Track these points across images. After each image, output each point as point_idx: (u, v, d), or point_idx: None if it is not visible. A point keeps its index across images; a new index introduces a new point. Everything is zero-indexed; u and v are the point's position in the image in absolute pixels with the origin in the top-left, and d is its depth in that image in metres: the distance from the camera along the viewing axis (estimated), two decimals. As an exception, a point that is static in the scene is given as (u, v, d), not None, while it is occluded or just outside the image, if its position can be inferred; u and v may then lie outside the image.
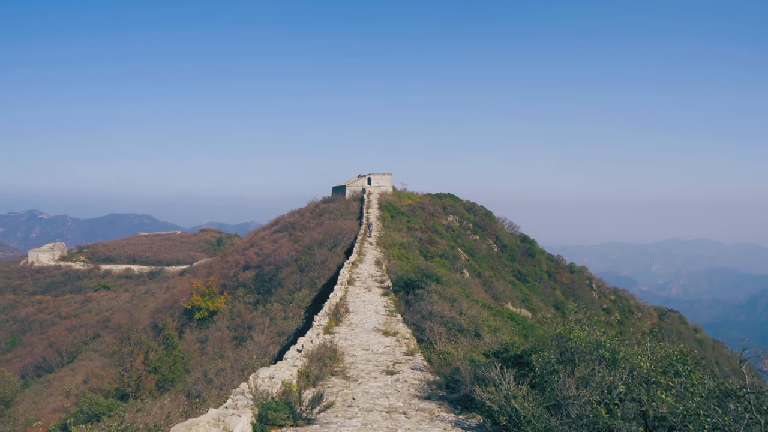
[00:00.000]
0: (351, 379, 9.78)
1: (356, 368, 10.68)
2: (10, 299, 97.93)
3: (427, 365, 11.09)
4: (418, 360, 11.48)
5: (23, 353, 68.90)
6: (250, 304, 38.82)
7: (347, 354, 11.72)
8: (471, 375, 7.68)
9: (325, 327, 13.33)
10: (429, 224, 54.18)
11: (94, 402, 19.11)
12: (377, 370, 10.64)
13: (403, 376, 10.08)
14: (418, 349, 12.43)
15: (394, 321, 14.82)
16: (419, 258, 32.12)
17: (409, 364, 11.16)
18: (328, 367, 9.61)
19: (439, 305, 14.94)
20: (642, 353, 5.73)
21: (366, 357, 11.72)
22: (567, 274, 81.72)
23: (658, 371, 5.44)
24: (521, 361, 7.53)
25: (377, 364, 11.17)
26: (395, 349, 12.40)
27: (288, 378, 7.58)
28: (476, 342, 12.12)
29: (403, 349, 12.27)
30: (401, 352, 12.15)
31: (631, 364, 5.57)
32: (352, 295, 18.96)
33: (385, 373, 10.36)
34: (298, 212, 66.37)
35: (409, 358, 11.60)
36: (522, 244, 78.87)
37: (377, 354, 12.01)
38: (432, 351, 11.98)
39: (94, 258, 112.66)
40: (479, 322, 13.50)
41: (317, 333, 12.12)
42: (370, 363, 11.22)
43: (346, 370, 10.31)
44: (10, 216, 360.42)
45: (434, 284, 18.49)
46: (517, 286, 56.97)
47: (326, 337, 12.34)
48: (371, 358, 11.67)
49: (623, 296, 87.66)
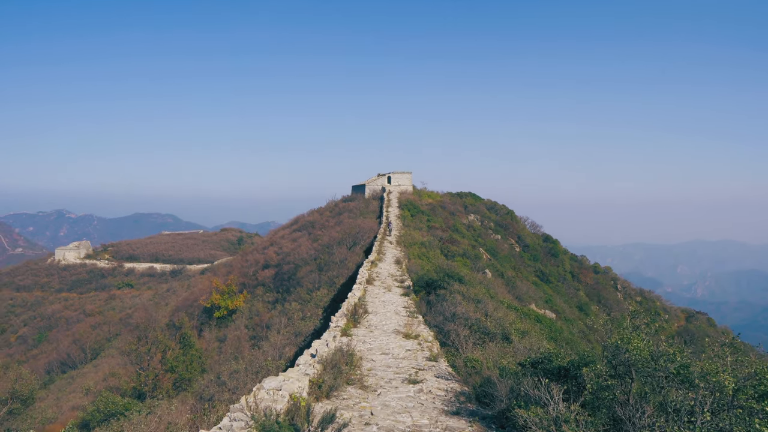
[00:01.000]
0: (369, 389, 8.95)
1: (375, 376, 9.93)
2: (38, 296, 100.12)
3: (453, 372, 10.23)
4: (442, 366, 10.68)
5: (49, 349, 70.11)
6: (268, 303, 38.41)
7: (365, 359, 10.99)
8: (506, 389, 6.76)
9: (342, 329, 12.59)
10: (450, 223, 53.14)
11: (110, 401, 18.77)
12: (398, 378, 9.86)
13: (427, 386, 9.24)
14: (442, 353, 11.62)
15: (415, 323, 13.97)
16: (440, 257, 31.19)
17: (433, 371, 10.37)
18: (343, 375, 8.80)
19: (463, 306, 14.01)
20: (721, 369, 4.64)
21: (386, 362, 10.99)
22: (591, 275, 79.75)
23: (749, 393, 4.42)
24: (566, 375, 6.54)
25: (398, 370, 10.39)
26: (417, 353, 11.62)
27: (297, 390, 6.72)
28: (505, 347, 11.17)
29: (426, 354, 11.50)
30: (423, 356, 11.38)
31: (710, 384, 4.53)
32: (371, 295, 18.18)
33: (407, 381, 9.57)
34: (317, 211, 66.02)
35: (432, 364, 10.82)
36: (544, 244, 77.20)
37: (398, 359, 11.26)
38: (457, 356, 11.05)
39: (118, 256, 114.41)
40: (506, 325, 12.53)
41: (334, 335, 11.34)
42: (390, 369, 10.46)
43: (364, 378, 9.53)
44: (39, 215, 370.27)
45: (457, 284, 17.58)
46: (540, 287, 55.58)
47: (343, 339, 11.50)
48: (391, 363, 10.92)
49: (649, 297, 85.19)
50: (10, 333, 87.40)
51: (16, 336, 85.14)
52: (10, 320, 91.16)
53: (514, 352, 10.59)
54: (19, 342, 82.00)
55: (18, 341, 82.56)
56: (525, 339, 11.93)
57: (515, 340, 11.54)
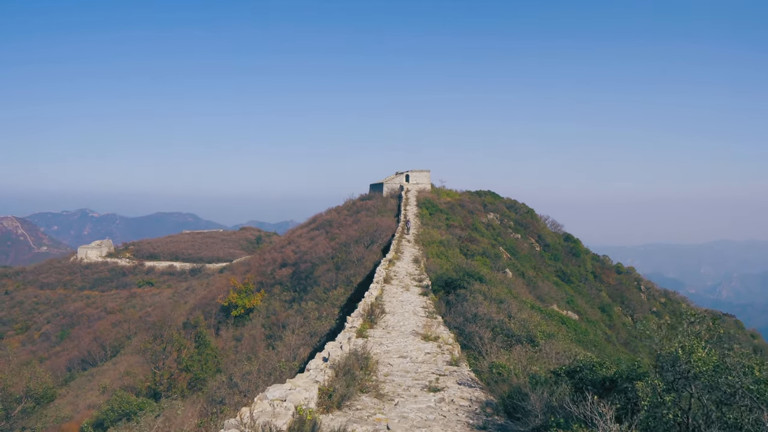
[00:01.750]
0: (386, 398, 8.20)
1: (392, 382, 9.21)
2: (61, 294, 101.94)
3: (476, 379, 9.48)
4: (464, 371, 9.93)
5: (71, 346, 71.13)
6: (285, 302, 38.08)
7: (382, 363, 10.28)
8: (541, 402, 5.97)
9: (358, 330, 11.98)
10: (468, 222, 52.20)
11: (124, 401, 18.49)
12: (417, 385, 9.12)
13: (448, 395, 8.48)
14: (463, 357, 10.86)
15: (435, 324, 13.32)
16: (459, 256, 30.38)
17: (455, 377, 9.61)
18: (357, 382, 8.09)
19: (485, 307, 13.23)
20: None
21: (404, 366, 10.30)
22: (614, 275, 77.89)
23: None
24: (612, 388, 5.69)
25: (417, 376, 9.68)
26: (437, 356, 10.89)
27: (303, 401, 5.99)
28: (533, 352, 10.33)
29: (446, 357, 10.78)
30: (444, 360, 10.64)
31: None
32: (388, 295, 17.53)
33: (427, 389, 8.81)
34: (335, 210, 65.72)
35: (453, 369, 10.08)
36: (565, 243, 75.66)
37: (416, 363, 10.53)
38: (480, 360, 10.30)
39: (138, 255, 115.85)
40: (531, 327, 11.74)
41: (349, 337, 10.67)
42: (408, 375, 9.74)
43: (380, 385, 8.79)
44: (64, 214, 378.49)
45: (478, 284, 16.78)
46: (561, 287, 54.30)
47: (359, 341, 10.84)
48: (410, 368, 10.20)
49: (674, 299, 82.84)
50: (34, 330, 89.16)
51: (39, 333, 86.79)
52: (34, 317, 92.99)
53: (543, 357, 9.78)
54: (42, 339, 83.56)
55: (41, 338, 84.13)
56: (552, 342, 11.10)
57: (542, 344, 10.78)
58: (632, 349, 52.99)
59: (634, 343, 57.85)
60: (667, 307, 76.46)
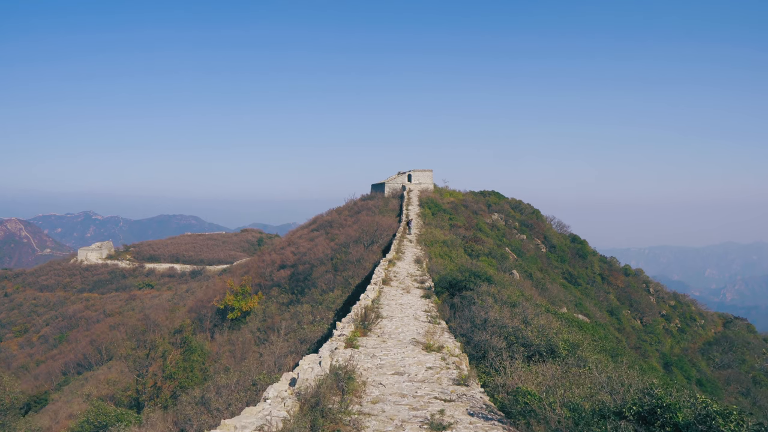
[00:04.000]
0: (371, 442, 6.23)
1: (381, 414, 7.11)
2: (60, 296, 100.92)
3: (492, 407, 7.55)
4: (475, 394, 7.98)
5: (68, 349, 69.95)
6: (282, 304, 36.76)
7: (371, 383, 8.39)
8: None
9: (348, 338, 10.38)
10: (472, 222, 50.72)
11: (101, 412, 17.07)
12: (416, 419, 6.98)
13: None
14: (473, 373, 8.94)
15: (438, 330, 11.78)
16: (463, 257, 28.92)
17: (465, 403, 7.67)
18: (330, 420, 6.10)
19: (495, 311, 11.68)
20: None
21: (399, 388, 8.40)
22: (622, 278, 76.32)
23: None
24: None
25: (415, 403, 7.66)
26: (441, 373, 9.07)
27: None
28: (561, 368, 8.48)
29: (453, 374, 8.97)
30: (450, 378, 8.81)
31: None
32: (387, 297, 16.07)
33: (429, 427, 6.71)
34: (336, 211, 64.61)
35: (462, 391, 8.18)
36: (572, 245, 74.18)
37: (415, 382, 8.68)
38: (494, 376, 8.45)
39: (139, 257, 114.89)
40: (551, 335, 10.04)
41: (335, 347, 9.09)
42: (404, 402, 7.70)
43: (364, 420, 6.68)
44: (67, 217, 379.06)
45: (486, 285, 15.30)
46: (569, 290, 52.77)
47: (347, 353, 9.19)
48: (407, 389, 8.31)
49: (684, 302, 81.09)
50: (32, 332, 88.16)
51: (38, 335, 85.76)
52: (33, 320, 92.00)
53: (571, 375, 7.98)
54: (40, 341, 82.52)
55: (40, 341, 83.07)
56: (576, 354, 9.46)
57: (564, 355, 9.16)
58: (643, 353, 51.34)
59: (644, 348, 56.19)
60: (677, 310, 74.71)
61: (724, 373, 60.23)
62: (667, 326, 70.83)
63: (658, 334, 66.07)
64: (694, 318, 77.04)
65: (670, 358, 58.16)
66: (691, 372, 56.31)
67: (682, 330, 72.12)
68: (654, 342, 62.66)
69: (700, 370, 59.72)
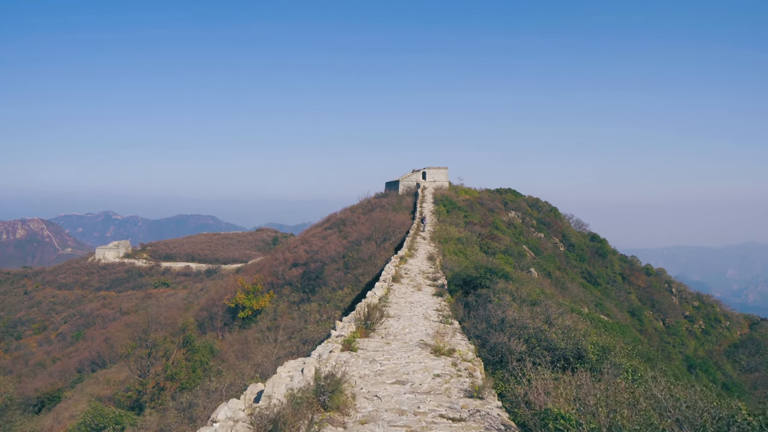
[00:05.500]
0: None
1: None
2: (78, 294, 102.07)
3: (511, 424, 6.32)
4: (492, 410, 6.63)
5: (83, 347, 70.35)
6: (293, 303, 36.03)
7: (365, 395, 7.00)
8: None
9: (346, 339, 9.18)
10: (488, 220, 49.42)
11: (98, 414, 16.37)
12: None
13: None
14: (489, 382, 7.62)
15: (450, 331, 10.63)
16: (479, 254, 27.74)
17: (479, 423, 6.32)
18: None
19: (514, 310, 10.49)
20: None
21: (398, 401, 6.97)
22: (643, 277, 74.23)
23: None
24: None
25: (416, 426, 6.26)
26: (451, 382, 7.74)
27: None
28: (607, 384, 6.78)
29: (464, 383, 7.65)
30: (461, 389, 7.47)
31: None
32: (396, 295, 15.05)
33: None
34: (349, 209, 64.09)
35: (476, 406, 6.85)
36: (591, 244, 72.39)
37: (419, 394, 7.29)
38: (514, 386, 7.17)
39: (155, 256, 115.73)
40: (579, 337, 8.77)
41: (330, 350, 7.90)
42: (401, 423, 6.30)
43: None
44: (88, 217, 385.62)
45: (503, 282, 14.15)
46: (588, 289, 51.19)
47: (343, 356, 8.02)
48: (407, 404, 6.91)
49: (708, 302, 78.64)
50: (51, 330, 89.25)
51: (56, 333, 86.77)
52: (52, 317, 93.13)
53: (614, 391, 6.39)
54: (58, 339, 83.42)
55: (58, 338, 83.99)
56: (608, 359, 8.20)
57: (592, 359, 7.95)
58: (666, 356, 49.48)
59: (667, 350, 54.25)
60: (701, 311, 72.41)
61: (751, 377, 58.00)
62: (691, 328, 68.62)
63: (682, 335, 63.99)
64: (719, 319, 74.64)
65: (695, 361, 56.12)
66: (716, 375, 54.27)
67: (707, 332, 69.87)
68: (677, 344, 60.62)
69: (726, 373, 57.59)
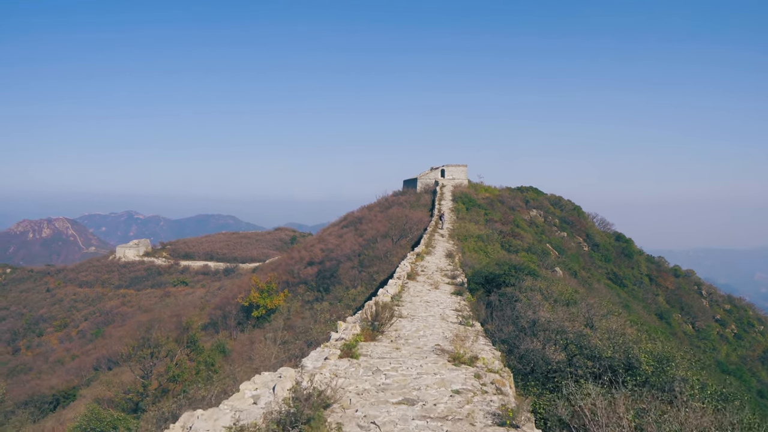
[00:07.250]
0: None
1: None
2: (99, 292, 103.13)
3: None
4: None
5: (101, 344, 70.61)
6: (307, 302, 35.00)
7: (357, 423, 5.34)
8: None
9: (347, 343, 7.74)
10: (509, 218, 47.70)
11: (95, 417, 15.42)
12: None
13: None
14: (523, 403, 5.74)
15: (471, 335, 9.03)
16: (500, 252, 26.24)
17: None
18: None
19: (546, 310, 8.90)
20: None
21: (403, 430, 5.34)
22: (671, 279, 71.48)
23: None
24: None
25: None
26: (474, 401, 6.08)
27: None
28: (665, 401, 5.23)
29: (492, 403, 6.00)
30: (488, 412, 5.75)
31: None
32: (411, 293, 13.72)
33: None
34: (367, 207, 63.16)
35: None
36: (616, 244, 69.97)
37: (433, 420, 5.58)
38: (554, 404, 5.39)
39: (175, 254, 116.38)
40: (629, 344, 7.11)
41: (325, 357, 6.49)
42: None
43: None
44: (111, 216, 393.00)
45: (530, 279, 12.65)
46: (614, 291, 49.11)
47: (339, 365, 6.28)
48: None
49: (740, 306, 75.38)
50: (72, 327, 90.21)
51: (76, 330, 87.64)
52: (73, 315, 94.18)
53: (693, 419, 4.65)
54: (79, 336, 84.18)
55: (78, 335, 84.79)
56: (669, 373, 6.66)
57: (647, 371, 6.44)
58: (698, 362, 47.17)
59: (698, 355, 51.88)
60: (733, 314, 69.39)
61: (788, 384, 55.12)
62: (722, 332, 65.68)
63: (713, 340, 61.18)
64: (752, 323, 71.47)
65: (727, 367, 53.45)
66: (750, 382, 51.59)
67: (739, 336, 66.84)
68: (709, 348, 57.90)
69: (761, 379, 54.78)
